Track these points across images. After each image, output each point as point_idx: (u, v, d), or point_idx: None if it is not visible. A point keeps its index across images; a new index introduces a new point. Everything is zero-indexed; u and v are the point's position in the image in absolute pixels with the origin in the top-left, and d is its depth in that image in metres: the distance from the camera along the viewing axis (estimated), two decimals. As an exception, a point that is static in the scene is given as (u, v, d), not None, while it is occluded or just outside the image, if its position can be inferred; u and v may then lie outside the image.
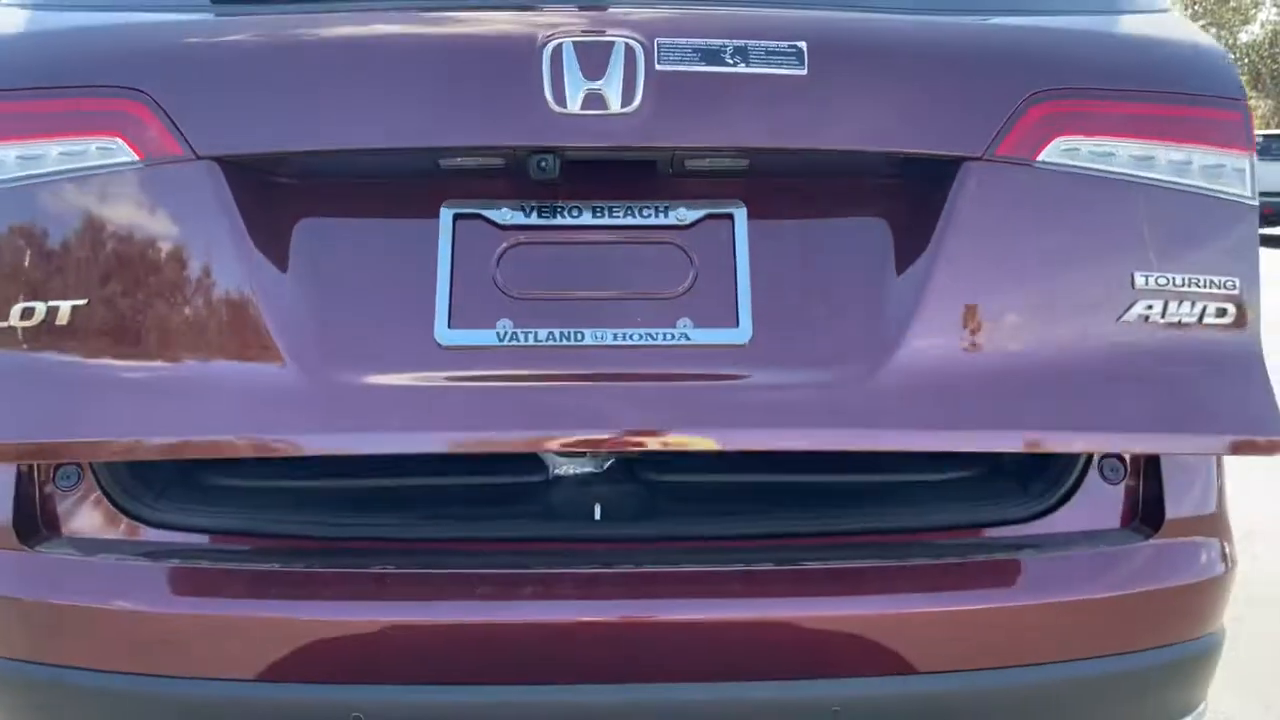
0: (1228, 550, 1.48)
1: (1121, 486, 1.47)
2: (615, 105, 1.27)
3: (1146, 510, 1.46)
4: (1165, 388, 1.31)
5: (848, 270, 1.36)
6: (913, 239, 1.32)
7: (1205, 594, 1.45)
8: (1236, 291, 1.32)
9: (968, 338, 1.29)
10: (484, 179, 1.37)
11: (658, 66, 1.28)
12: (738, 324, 1.31)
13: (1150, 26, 1.47)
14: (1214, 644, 1.47)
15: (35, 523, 1.41)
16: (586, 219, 1.35)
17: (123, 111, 1.28)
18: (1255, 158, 1.37)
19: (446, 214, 1.34)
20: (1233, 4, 31.94)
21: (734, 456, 1.65)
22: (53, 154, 1.28)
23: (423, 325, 1.29)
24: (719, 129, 1.30)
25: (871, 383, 1.27)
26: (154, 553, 1.39)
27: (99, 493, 1.42)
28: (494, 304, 1.31)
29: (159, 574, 1.37)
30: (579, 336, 1.29)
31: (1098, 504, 1.46)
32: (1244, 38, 32.85)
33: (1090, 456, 1.47)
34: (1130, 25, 1.47)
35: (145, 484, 1.46)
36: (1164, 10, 1.55)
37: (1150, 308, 1.29)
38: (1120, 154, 1.32)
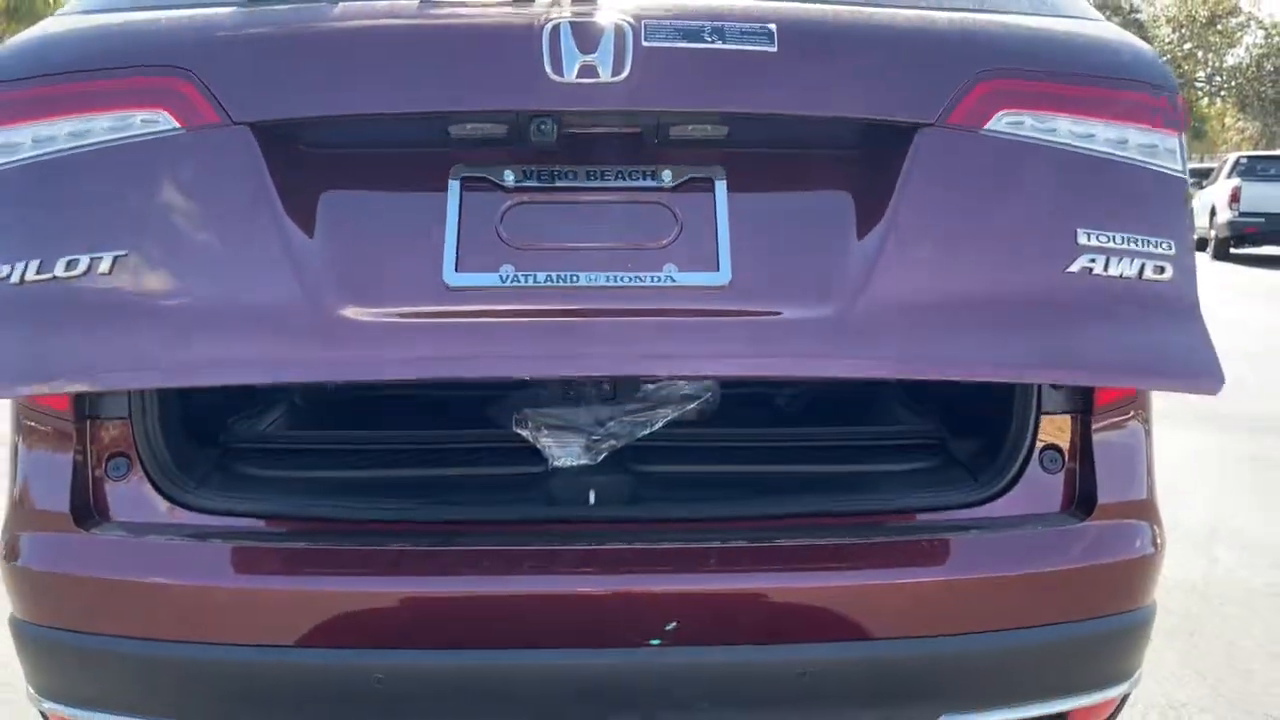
0: (1157, 533, 1.64)
1: (1060, 475, 1.64)
2: (606, 75, 1.44)
3: (1082, 496, 1.63)
4: (1107, 330, 1.44)
5: (818, 222, 1.52)
6: (875, 195, 1.48)
7: (1135, 571, 1.61)
8: (1173, 253, 1.46)
9: (924, 280, 1.44)
10: (489, 147, 1.52)
11: (644, 43, 1.45)
12: (718, 269, 1.46)
13: (1088, 28, 1.65)
14: (1145, 617, 1.63)
15: (89, 508, 1.58)
16: (582, 182, 1.51)
17: (169, 87, 1.44)
18: (1184, 138, 1.55)
19: (455, 177, 1.50)
20: (1218, 28, 32.35)
21: (714, 449, 1.83)
22: (103, 125, 1.43)
23: (433, 270, 1.44)
24: (698, 95, 1.47)
25: (840, 317, 1.43)
26: (195, 534, 1.55)
27: (146, 481, 1.59)
28: (497, 253, 1.46)
29: (199, 552, 1.53)
30: (574, 279, 1.44)
31: (1038, 491, 1.63)
32: (1230, 61, 33.28)
33: (1032, 448, 1.64)
34: (1070, 25, 1.64)
35: (187, 473, 1.62)
36: (1099, 19, 1.74)
37: (1093, 261, 1.44)
38: (1060, 128, 1.48)
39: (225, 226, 1.43)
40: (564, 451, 1.74)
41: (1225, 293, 11.26)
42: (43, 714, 1.65)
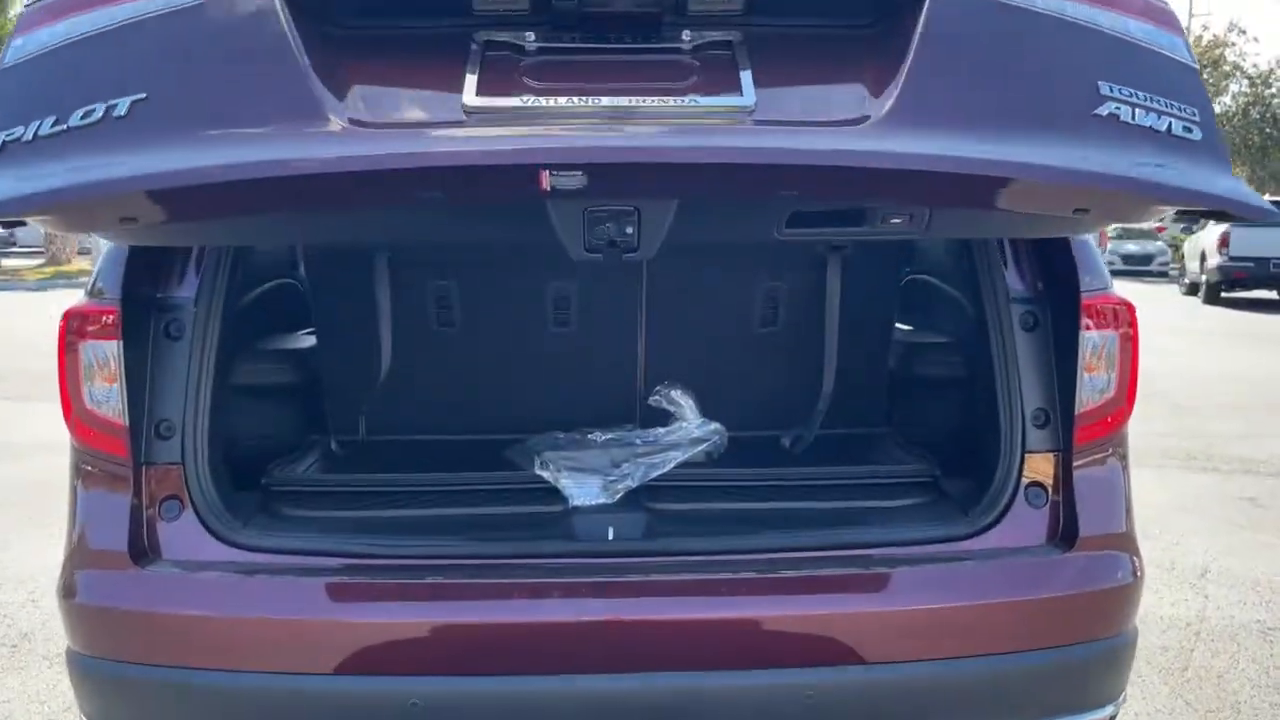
0: (1136, 563, 1.76)
1: (1044, 510, 1.77)
2: None
3: (1065, 529, 1.76)
4: (1138, 159, 1.52)
5: (842, 63, 1.65)
6: (894, 41, 1.59)
7: (1115, 599, 1.73)
8: (1199, 119, 1.57)
9: (944, 100, 1.55)
10: (510, 19, 1.62)
11: None
12: (743, 94, 1.56)
13: None
14: (1126, 642, 1.74)
15: (143, 547, 1.70)
16: (607, 45, 1.61)
17: None
18: (1188, 38, 1.67)
19: (478, 37, 1.61)
20: (1204, 78, 32.98)
21: (726, 489, 1.95)
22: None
23: (453, 95, 1.53)
24: None
25: (867, 123, 1.52)
26: (241, 569, 1.67)
27: (197, 521, 1.71)
28: (519, 86, 1.56)
29: (246, 587, 1.65)
30: (597, 100, 1.53)
31: (1024, 524, 1.75)
32: (1217, 110, 33.85)
33: (1018, 485, 1.77)
34: None
35: (234, 513, 1.74)
36: None
37: (1119, 109, 1.54)
38: (1066, 8, 1.60)
39: (262, 62, 1.53)
40: (582, 492, 1.86)
41: (1223, 336, 11.42)
42: (95, 742, 1.75)
